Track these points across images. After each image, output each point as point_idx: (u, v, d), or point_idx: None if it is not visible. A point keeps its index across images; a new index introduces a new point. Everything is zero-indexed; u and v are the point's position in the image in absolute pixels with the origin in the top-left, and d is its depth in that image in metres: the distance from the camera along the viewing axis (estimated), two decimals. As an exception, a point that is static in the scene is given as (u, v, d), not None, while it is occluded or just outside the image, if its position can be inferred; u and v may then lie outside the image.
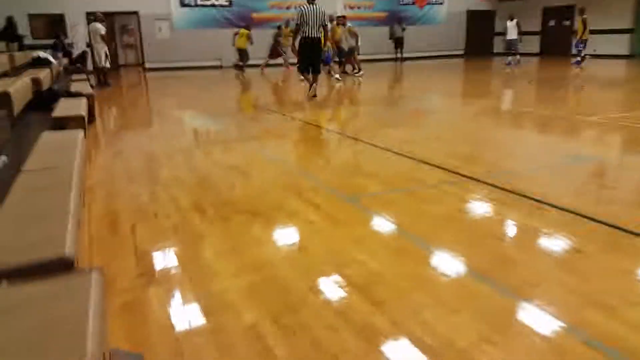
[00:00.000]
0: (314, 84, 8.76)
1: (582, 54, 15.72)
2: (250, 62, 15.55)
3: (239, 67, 15.10)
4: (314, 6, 8.24)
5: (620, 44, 19.68)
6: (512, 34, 16.37)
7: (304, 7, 8.33)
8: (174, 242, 2.81)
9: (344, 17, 14.03)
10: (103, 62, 12.04)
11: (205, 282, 2.34)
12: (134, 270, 2.46)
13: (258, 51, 16.23)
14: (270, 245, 2.78)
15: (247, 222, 3.09)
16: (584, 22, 15.54)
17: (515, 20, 16.39)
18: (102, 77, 12.31)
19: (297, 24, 8.40)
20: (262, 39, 16.86)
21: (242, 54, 15.18)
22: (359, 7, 22.04)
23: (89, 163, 4.67)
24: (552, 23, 22.52)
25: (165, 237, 2.89)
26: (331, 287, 2.27)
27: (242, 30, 15.31)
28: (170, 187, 3.88)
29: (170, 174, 4.29)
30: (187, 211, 3.30)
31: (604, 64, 17.04)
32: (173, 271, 2.47)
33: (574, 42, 16.14)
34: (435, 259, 2.57)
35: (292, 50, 8.95)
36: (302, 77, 9.52)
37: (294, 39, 8.69)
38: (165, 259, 2.61)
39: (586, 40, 15.49)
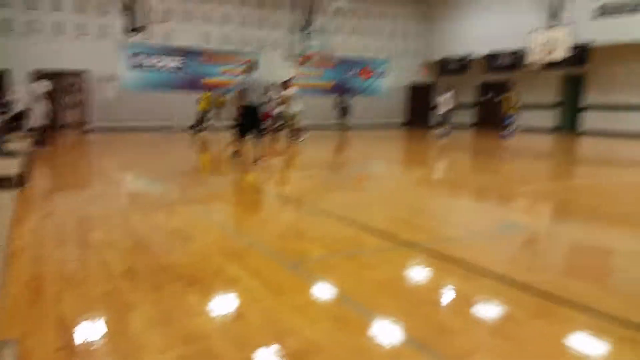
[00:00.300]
0: (259, 148, 8.96)
1: (513, 127, 17.03)
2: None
3: (194, 129, 15.59)
4: (254, 75, 8.82)
5: (548, 118, 21.24)
6: (447, 106, 17.46)
7: (244, 76, 8.87)
8: (101, 312, 2.65)
9: (290, 79, 14.53)
10: (37, 122, 11.75)
11: (132, 356, 2.20)
12: (54, 343, 2.29)
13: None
14: (206, 314, 2.67)
15: (182, 289, 2.97)
16: (515, 96, 16.98)
17: (452, 92, 17.53)
18: (40, 137, 12.00)
19: (238, 92, 8.84)
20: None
21: (202, 116, 15.86)
22: (307, 76, 22.85)
23: (18, 225, 4.43)
24: (487, 97, 24.10)
25: (93, 306, 2.73)
26: None
27: (205, 94, 16.17)
28: (103, 252, 3.71)
29: (104, 238, 4.11)
30: (119, 278, 3.15)
31: (533, 136, 18.24)
32: (98, 344, 2.31)
33: (508, 115, 17.45)
34: (375, 327, 2.54)
35: (234, 117, 9.28)
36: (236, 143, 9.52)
37: (235, 105, 9.03)
38: (90, 331, 2.44)
39: (516, 112, 16.95)
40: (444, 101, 17.31)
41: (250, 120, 8.82)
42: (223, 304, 2.82)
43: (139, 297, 2.86)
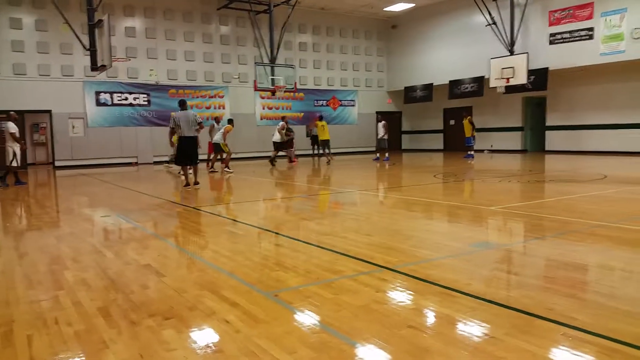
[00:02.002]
0: (192, 175, 10.70)
1: (472, 148, 18.56)
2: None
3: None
4: (186, 111, 10.21)
5: (514, 141, 21.87)
6: (380, 133, 18.35)
7: (176, 112, 10.23)
8: (75, 352, 2.57)
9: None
10: (9, 162, 11.72)
11: (108, 395, 2.14)
12: (26, 387, 2.21)
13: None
14: (182, 350, 2.61)
15: (157, 325, 2.91)
16: (471, 122, 18.45)
17: (383, 122, 18.47)
18: (14, 176, 12.08)
19: (171, 127, 10.35)
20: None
21: None
22: (277, 108, 23.07)
23: (-18, 268, 4.29)
24: (452, 122, 24.71)
25: (66, 346, 2.65)
26: (248, 390, 2.16)
27: None
28: (75, 291, 3.62)
29: (76, 277, 4.01)
30: (92, 317, 3.07)
31: (501, 157, 18.71)
32: (72, 385, 2.25)
33: (468, 138, 18.61)
34: (355, 352, 2.54)
35: (172, 146, 10.88)
36: (181, 172, 11.17)
37: (171, 138, 10.59)
38: (64, 372, 2.37)
39: (474, 135, 18.50)
40: (380, 127, 18.35)
41: (186, 150, 10.24)
42: (200, 337, 2.78)
43: (114, 334, 2.79)
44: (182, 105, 10.33)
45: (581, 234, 5.24)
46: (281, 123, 17.20)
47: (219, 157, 14.96)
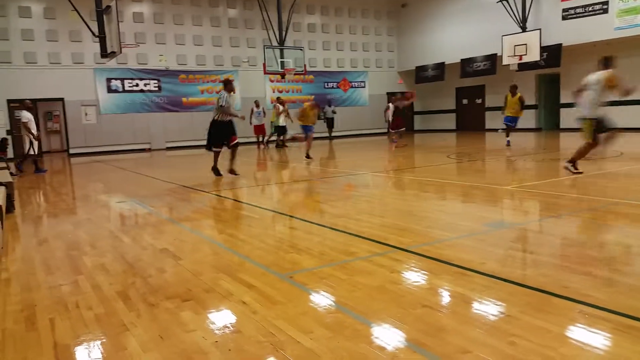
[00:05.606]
0: (232, 160, 9.72)
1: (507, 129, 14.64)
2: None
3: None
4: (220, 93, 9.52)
5: (528, 119, 21.59)
6: (389, 116, 18.13)
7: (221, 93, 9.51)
8: (96, 335, 2.63)
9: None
10: (26, 150, 12.06)
11: (131, 376, 2.19)
12: (51, 369, 2.27)
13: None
14: (201, 331, 2.66)
15: (176, 308, 2.96)
16: (522, 99, 14.40)
17: (389, 104, 18.32)
18: (33, 164, 12.47)
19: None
20: (192, 121, 17.29)
21: None
22: (287, 91, 23.00)
23: (5, 255, 4.39)
24: (465, 101, 24.46)
25: (87, 329, 2.71)
26: (266, 370, 2.20)
27: None
28: (95, 276, 3.69)
29: (94, 262, 4.08)
30: (112, 300, 3.14)
31: (515, 136, 18.46)
32: (95, 366, 2.30)
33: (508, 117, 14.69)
34: (371, 332, 2.56)
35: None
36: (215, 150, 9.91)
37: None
38: (85, 353, 2.43)
39: (514, 114, 14.38)
40: (390, 110, 18.24)
41: (218, 135, 9.46)
42: (218, 319, 2.82)
43: (133, 317, 2.84)
44: (228, 86, 9.49)
45: (597, 212, 5.20)
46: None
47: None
